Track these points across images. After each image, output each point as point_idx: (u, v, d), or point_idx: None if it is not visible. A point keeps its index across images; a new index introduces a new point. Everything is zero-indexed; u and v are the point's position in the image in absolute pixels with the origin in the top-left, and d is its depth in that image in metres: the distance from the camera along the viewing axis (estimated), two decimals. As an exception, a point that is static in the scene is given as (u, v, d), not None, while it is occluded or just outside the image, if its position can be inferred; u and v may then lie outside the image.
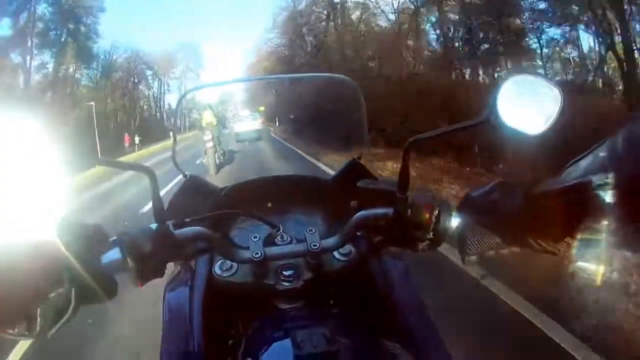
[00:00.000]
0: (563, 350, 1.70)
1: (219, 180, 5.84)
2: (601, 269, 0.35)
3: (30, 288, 0.39)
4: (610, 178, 0.32)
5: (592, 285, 0.36)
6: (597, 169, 0.33)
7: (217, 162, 7.66)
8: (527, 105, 0.46)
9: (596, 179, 0.33)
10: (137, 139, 16.18)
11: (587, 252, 0.35)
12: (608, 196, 0.32)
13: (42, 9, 14.53)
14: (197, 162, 8.07)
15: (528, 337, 1.82)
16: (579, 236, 0.37)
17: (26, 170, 0.37)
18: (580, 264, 0.36)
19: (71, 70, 15.55)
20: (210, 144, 7.45)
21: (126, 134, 16.24)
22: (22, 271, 0.38)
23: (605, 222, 0.32)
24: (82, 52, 15.53)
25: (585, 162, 0.36)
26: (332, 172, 1.09)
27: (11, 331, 0.39)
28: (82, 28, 15.48)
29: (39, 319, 0.40)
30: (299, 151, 10.46)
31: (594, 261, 0.35)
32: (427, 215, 0.52)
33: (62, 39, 15.21)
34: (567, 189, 0.36)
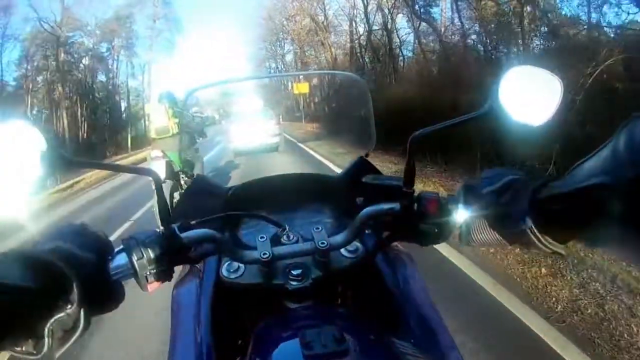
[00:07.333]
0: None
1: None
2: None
3: (37, 303, 0.38)
4: (614, 180, 0.31)
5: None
6: (601, 170, 0.33)
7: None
8: (528, 96, 0.47)
9: (602, 181, 0.32)
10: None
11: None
12: (613, 199, 0.31)
13: None
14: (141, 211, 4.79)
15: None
16: (585, 238, 0.37)
17: (29, 173, 0.37)
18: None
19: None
20: (160, 175, 1.29)
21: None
22: (28, 286, 0.37)
23: (610, 225, 0.32)
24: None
25: (591, 163, 0.36)
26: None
27: (18, 349, 0.38)
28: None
29: (46, 338, 0.38)
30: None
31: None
32: (433, 209, 0.52)
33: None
34: (575, 191, 0.36)
